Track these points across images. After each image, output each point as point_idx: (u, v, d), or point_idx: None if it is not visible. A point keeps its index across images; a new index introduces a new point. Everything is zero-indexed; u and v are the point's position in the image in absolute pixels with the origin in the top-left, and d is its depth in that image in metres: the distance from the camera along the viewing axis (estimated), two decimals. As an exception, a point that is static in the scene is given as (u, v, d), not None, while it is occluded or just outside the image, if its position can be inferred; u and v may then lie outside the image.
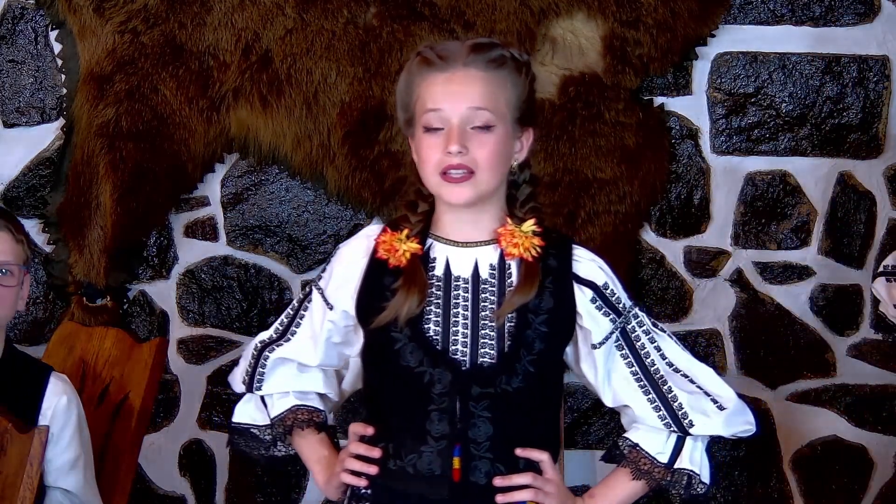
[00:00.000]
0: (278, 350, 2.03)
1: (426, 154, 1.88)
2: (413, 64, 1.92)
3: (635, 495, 1.97)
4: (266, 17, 3.19)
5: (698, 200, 3.26)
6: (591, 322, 1.92)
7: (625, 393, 1.95)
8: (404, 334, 1.87)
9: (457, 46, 1.89)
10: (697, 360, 1.98)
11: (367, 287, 1.92)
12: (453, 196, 1.87)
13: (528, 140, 1.95)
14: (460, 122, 1.85)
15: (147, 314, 3.34)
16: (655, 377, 1.94)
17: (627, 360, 1.95)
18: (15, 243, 2.36)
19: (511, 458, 1.87)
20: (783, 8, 3.21)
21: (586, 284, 1.92)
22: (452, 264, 1.92)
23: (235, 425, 2.08)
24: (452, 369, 1.86)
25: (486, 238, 1.92)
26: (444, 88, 1.86)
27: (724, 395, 1.95)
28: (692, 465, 1.94)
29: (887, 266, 2.71)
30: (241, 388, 2.08)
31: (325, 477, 2.00)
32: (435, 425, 1.86)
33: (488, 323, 1.88)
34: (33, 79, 3.31)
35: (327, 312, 1.98)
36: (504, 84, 1.89)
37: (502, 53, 1.90)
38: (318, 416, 2.04)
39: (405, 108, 1.93)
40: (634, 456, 1.95)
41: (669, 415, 1.92)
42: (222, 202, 3.32)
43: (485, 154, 1.85)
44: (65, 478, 2.36)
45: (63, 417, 2.36)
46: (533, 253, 1.88)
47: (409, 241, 1.90)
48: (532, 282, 1.87)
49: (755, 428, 1.97)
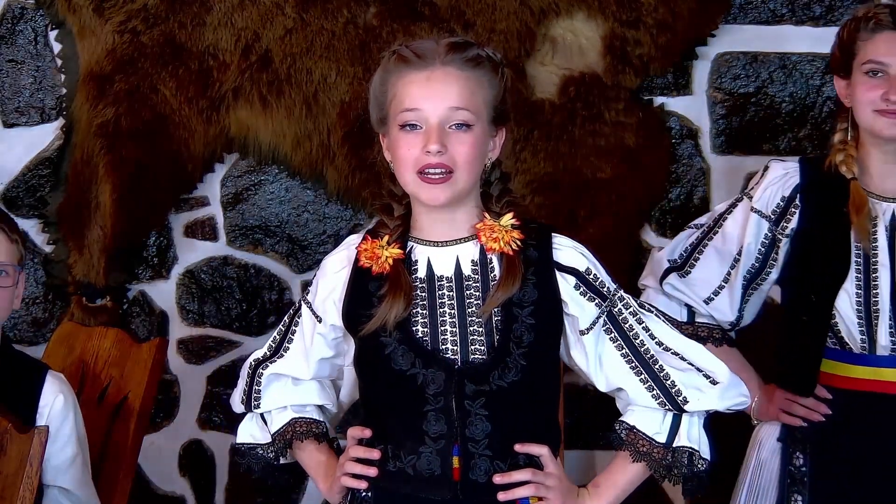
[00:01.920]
0: (272, 367, 2.05)
1: (403, 153, 1.87)
2: (389, 62, 1.91)
3: (638, 478, 1.96)
4: (266, 17, 3.19)
5: (698, 200, 3.26)
6: (576, 308, 1.92)
7: (617, 376, 1.94)
8: (394, 338, 1.88)
9: (433, 45, 1.89)
10: (686, 337, 1.98)
11: (353, 296, 1.93)
12: (430, 197, 1.87)
13: (500, 140, 1.95)
14: (439, 121, 1.85)
15: (147, 314, 3.34)
16: (646, 357, 1.93)
17: (617, 343, 1.94)
18: (10, 243, 2.36)
19: (510, 454, 1.88)
20: (783, 8, 3.21)
21: (568, 271, 1.92)
22: (434, 264, 1.92)
23: (240, 446, 2.09)
24: (445, 368, 1.86)
25: (465, 235, 1.93)
26: (422, 87, 1.86)
27: (716, 370, 1.94)
28: (691, 442, 1.93)
29: None
30: (240, 409, 2.10)
31: (327, 483, 2.01)
32: (432, 425, 1.86)
33: (476, 320, 1.89)
34: (33, 79, 3.31)
35: (316, 325, 1.99)
36: (481, 83, 1.89)
37: (479, 53, 1.90)
38: (317, 426, 2.05)
39: (379, 106, 1.92)
40: (632, 438, 1.94)
41: (663, 393, 1.92)
42: (222, 202, 3.32)
43: (463, 153, 1.86)
44: (63, 476, 2.36)
45: (60, 416, 2.36)
46: (513, 246, 1.89)
47: (390, 246, 1.90)
48: (514, 276, 1.87)
49: (749, 399, 1.98)
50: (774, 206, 2.35)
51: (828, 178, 2.32)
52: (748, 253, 2.37)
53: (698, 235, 2.45)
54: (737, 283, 2.39)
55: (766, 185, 2.36)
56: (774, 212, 2.35)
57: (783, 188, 2.34)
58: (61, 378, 2.42)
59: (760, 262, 2.37)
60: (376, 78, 1.94)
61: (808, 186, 2.33)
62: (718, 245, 2.41)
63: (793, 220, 2.33)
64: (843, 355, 2.32)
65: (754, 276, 2.39)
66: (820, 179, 2.33)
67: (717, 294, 2.40)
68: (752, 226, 2.36)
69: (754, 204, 2.36)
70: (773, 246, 2.36)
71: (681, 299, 2.43)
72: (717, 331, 2.42)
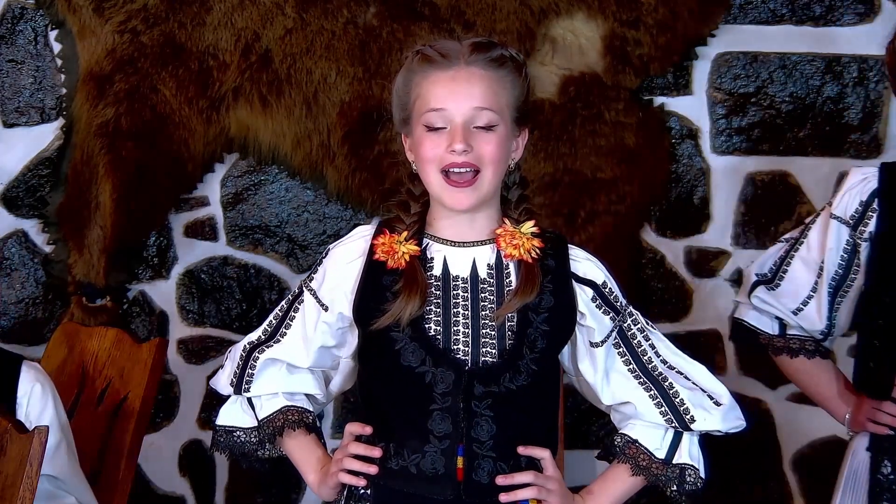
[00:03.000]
0: (268, 351, 2.00)
1: (428, 153, 1.87)
2: (413, 62, 1.91)
3: (633, 490, 1.97)
4: (266, 17, 3.19)
5: (698, 200, 3.26)
6: (593, 321, 1.93)
7: (624, 390, 1.95)
8: (405, 334, 1.87)
9: (457, 45, 1.89)
10: (689, 358, 2.00)
11: (366, 289, 1.91)
12: (455, 202, 1.87)
13: (523, 140, 1.95)
14: (464, 121, 1.85)
15: (147, 314, 3.34)
16: (654, 374, 1.95)
17: (625, 358, 1.96)
18: None
19: (513, 456, 1.87)
20: (783, 8, 3.21)
21: (586, 283, 1.93)
22: (450, 264, 1.91)
23: (221, 427, 2.05)
24: (455, 368, 1.86)
25: (483, 238, 1.92)
26: (447, 87, 1.86)
27: (718, 392, 1.96)
28: (692, 459, 1.95)
29: None
30: (227, 391, 2.05)
31: (319, 477, 1.98)
32: (438, 425, 1.85)
33: (488, 322, 1.88)
34: (33, 79, 3.31)
35: (322, 314, 1.96)
36: (504, 84, 1.89)
37: (502, 53, 1.90)
38: (308, 416, 2.02)
39: (403, 106, 1.92)
40: (633, 452, 1.95)
41: (671, 410, 1.93)
42: (222, 202, 3.32)
43: (489, 152, 1.86)
44: (49, 464, 2.33)
45: (40, 404, 2.36)
46: (533, 254, 1.89)
47: (407, 242, 1.90)
48: (533, 283, 1.87)
49: (745, 423, 1.99)
50: (853, 211, 2.31)
51: None
52: (831, 260, 2.33)
53: (786, 248, 2.41)
54: (823, 292, 2.35)
55: (845, 191, 2.33)
56: (853, 217, 2.32)
57: (861, 193, 2.31)
58: (37, 367, 2.42)
59: (844, 269, 2.34)
60: (399, 78, 1.93)
61: (886, 190, 2.30)
62: (804, 255, 2.37)
63: (870, 224, 2.30)
64: None
65: (840, 283, 2.35)
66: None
67: (805, 304, 2.36)
68: (832, 233, 2.33)
69: (833, 210, 2.33)
70: (854, 252, 2.33)
71: (770, 312, 2.40)
72: (809, 342, 2.39)
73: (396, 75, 1.95)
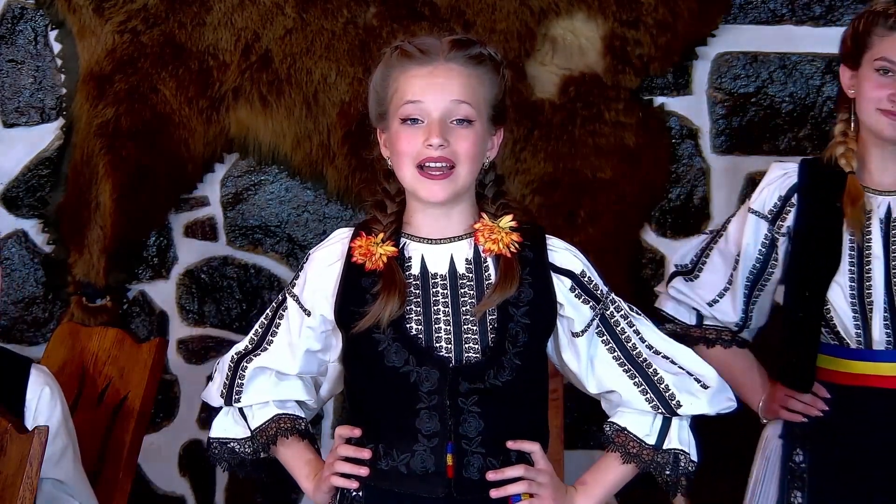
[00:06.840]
0: (256, 360, 2.00)
1: (404, 147, 1.87)
2: (391, 57, 1.91)
3: (625, 479, 1.96)
4: (266, 17, 3.19)
5: (698, 200, 3.26)
6: (572, 311, 1.92)
7: (609, 378, 1.95)
8: (387, 335, 1.87)
9: (436, 41, 1.89)
10: (675, 341, 2.00)
11: (346, 292, 1.91)
12: (430, 194, 1.87)
13: (499, 139, 1.95)
14: (441, 115, 1.85)
15: (147, 314, 3.34)
16: (638, 360, 1.94)
17: (609, 346, 1.95)
18: None
19: (503, 451, 1.87)
20: (783, 8, 3.21)
21: (564, 273, 1.93)
22: (428, 262, 1.92)
23: (215, 440, 2.05)
24: (439, 367, 1.86)
25: (459, 233, 1.92)
26: (425, 81, 1.86)
27: (705, 374, 1.96)
28: (681, 444, 1.94)
29: None
30: (218, 402, 2.05)
31: (313, 483, 1.98)
32: (425, 423, 1.85)
33: (470, 318, 1.88)
34: (33, 79, 3.31)
35: (305, 319, 1.97)
36: (482, 81, 1.89)
37: (481, 51, 1.90)
38: (300, 423, 2.02)
39: (380, 101, 1.92)
40: (622, 440, 1.94)
41: (656, 396, 1.92)
42: (222, 202, 3.32)
43: (465, 147, 1.86)
44: (54, 468, 2.35)
45: (48, 408, 2.36)
46: (512, 249, 1.89)
47: (384, 244, 1.90)
48: (512, 278, 1.87)
49: (736, 403, 1.99)
50: (771, 205, 2.35)
51: (826, 173, 2.32)
52: (747, 254, 2.38)
53: (707, 240, 2.47)
54: (739, 285, 2.39)
55: (764, 186, 2.37)
56: (771, 211, 2.35)
57: (780, 188, 2.35)
58: (45, 370, 2.42)
59: (762, 263, 2.38)
60: (377, 73, 1.93)
61: (806, 186, 2.33)
62: (722, 248, 2.42)
63: (789, 219, 2.34)
64: (840, 351, 2.32)
65: (758, 277, 2.39)
66: (818, 177, 2.33)
67: (721, 297, 2.41)
68: (749, 227, 2.37)
69: (752, 205, 2.37)
70: (772, 246, 2.36)
71: (687, 303, 2.44)
72: (725, 333, 2.43)
73: (374, 70, 1.95)
